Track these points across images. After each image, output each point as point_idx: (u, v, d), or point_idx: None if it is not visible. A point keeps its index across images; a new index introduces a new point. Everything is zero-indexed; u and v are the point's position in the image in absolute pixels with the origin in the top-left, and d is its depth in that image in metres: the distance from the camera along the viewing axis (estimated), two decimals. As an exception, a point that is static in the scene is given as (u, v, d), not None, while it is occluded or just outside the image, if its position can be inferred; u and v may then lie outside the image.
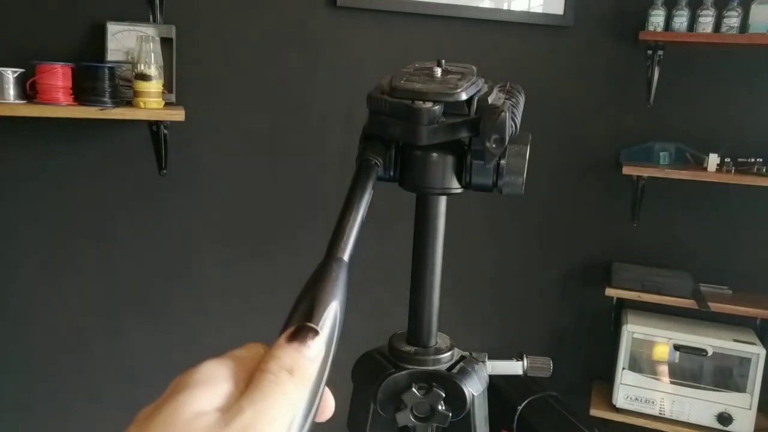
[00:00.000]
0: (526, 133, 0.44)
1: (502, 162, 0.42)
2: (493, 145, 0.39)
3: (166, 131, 1.83)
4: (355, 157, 0.41)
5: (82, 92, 1.65)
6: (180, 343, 2.03)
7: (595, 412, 2.07)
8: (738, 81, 2.08)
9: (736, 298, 2.03)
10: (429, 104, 0.38)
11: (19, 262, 1.88)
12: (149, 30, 1.75)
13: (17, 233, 1.88)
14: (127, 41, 1.75)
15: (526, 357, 0.54)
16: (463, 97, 0.39)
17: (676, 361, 2.04)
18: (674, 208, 2.16)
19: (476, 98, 0.40)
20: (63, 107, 1.63)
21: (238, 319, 2.06)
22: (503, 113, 0.38)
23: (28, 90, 1.64)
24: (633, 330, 2.05)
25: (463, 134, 0.40)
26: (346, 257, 0.32)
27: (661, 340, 2.04)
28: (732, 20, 1.90)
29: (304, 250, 2.00)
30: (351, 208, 0.36)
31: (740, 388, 1.96)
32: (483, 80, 0.42)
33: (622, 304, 2.17)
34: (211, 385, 0.26)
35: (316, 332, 0.28)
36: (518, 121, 0.43)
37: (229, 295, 2.07)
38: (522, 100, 0.46)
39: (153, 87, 1.66)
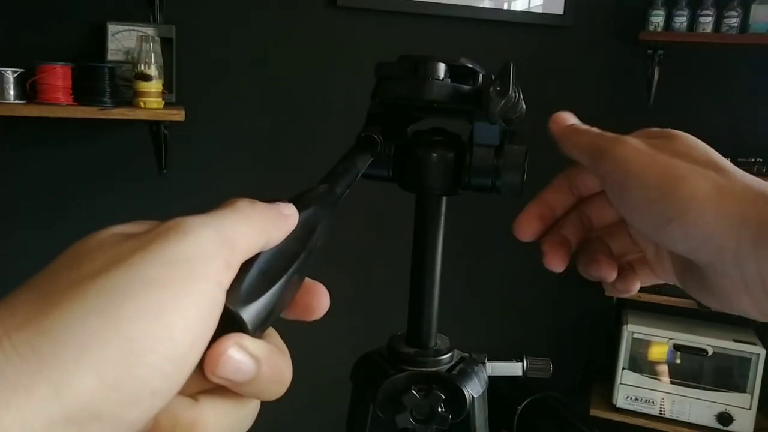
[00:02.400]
0: (524, 133, 0.44)
1: (500, 162, 0.42)
2: (497, 87, 0.39)
3: (166, 131, 1.83)
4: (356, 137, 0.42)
5: (82, 92, 1.65)
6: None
7: (595, 412, 2.07)
8: (738, 81, 2.08)
9: (736, 298, 2.03)
10: (435, 62, 0.40)
11: (19, 262, 1.88)
12: (149, 30, 1.76)
13: (16, 233, 1.88)
14: (127, 41, 1.75)
15: (526, 358, 0.54)
16: (467, 63, 0.41)
17: (676, 361, 2.04)
18: (674, 208, 2.16)
19: (481, 75, 0.41)
20: (63, 107, 1.63)
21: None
22: (510, 64, 0.39)
23: (28, 90, 1.64)
24: (633, 330, 2.04)
25: (467, 103, 0.40)
26: (338, 190, 0.32)
27: (661, 340, 2.04)
28: (732, 20, 1.90)
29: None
30: (344, 160, 0.36)
31: (740, 388, 1.96)
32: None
33: (622, 304, 2.17)
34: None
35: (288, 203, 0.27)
36: (523, 103, 0.43)
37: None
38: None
39: (153, 87, 1.66)
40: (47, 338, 0.19)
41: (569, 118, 0.39)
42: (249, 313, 0.23)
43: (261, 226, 0.24)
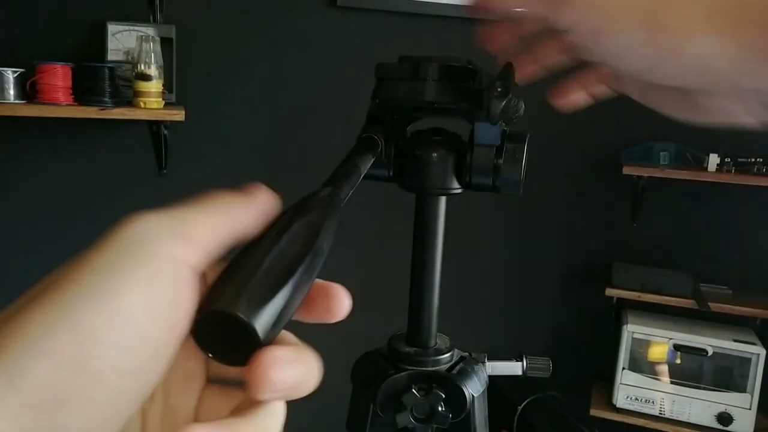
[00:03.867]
0: (523, 132, 0.44)
1: (500, 161, 0.42)
2: (498, 89, 0.39)
3: (166, 131, 1.83)
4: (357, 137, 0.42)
5: (82, 92, 1.65)
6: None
7: (595, 412, 2.07)
8: (738, 81, 2.08)
9: (736, 298, 2.03)
10: (435, 63, 0.40)
11: (20, 262, 1.88)
12: (149, 30, 1.75)
13: (16, 234, 1.88)
14: (127, 41, 1.75)
15: (526, 357, 0.54)
16: (467, 64, 0.41)
17: (676, 361, 2.04)
18: (674, 208, 2.16)
19: (481, 75, 0.41)
20: (63, 107, 1.63)
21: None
22: (510, 64, 0.39)
23: (28, 90, 1.64)
24: (633, 330, 2.04)
25: (467, 104, 0.40)
26: (341, 193, 0.32)
27: (661, 340, 2.03)
28: (732, 20, 1.90)
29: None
30: (346, 162, 0.36)
31: (740, 388, 1.96)
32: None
33: (622, 304, 2.17)
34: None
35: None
36: (522, 103, 0.43)
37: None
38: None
39: (153, 87, 1.66)
40: None
41: None
42: (260, 322, 0.22)
43: (221, 204, 0.25)
